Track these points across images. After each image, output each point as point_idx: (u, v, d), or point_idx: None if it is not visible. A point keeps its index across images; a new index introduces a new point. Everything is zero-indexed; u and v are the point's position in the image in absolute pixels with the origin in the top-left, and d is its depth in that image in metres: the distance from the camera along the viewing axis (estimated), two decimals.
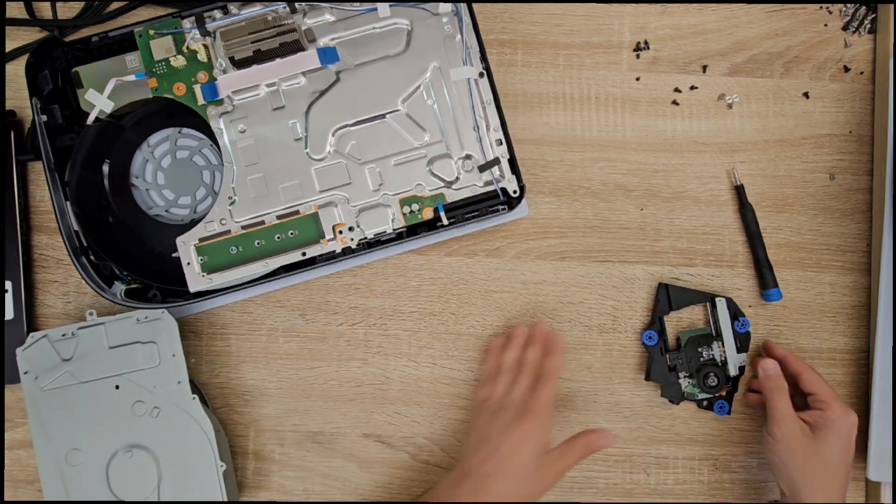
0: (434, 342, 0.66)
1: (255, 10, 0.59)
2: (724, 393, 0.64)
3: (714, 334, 0.65)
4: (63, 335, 0.59)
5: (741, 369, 0.64)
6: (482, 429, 0.57)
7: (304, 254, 0.59)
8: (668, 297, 0.65)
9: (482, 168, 0.60)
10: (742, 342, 0.64)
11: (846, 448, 0.58)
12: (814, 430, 0.58)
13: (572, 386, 0.66)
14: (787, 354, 0.63)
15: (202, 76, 0.59)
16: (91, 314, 0.59)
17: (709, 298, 0.65)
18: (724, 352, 0.63)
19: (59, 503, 0.58)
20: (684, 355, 0.64)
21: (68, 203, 0.59)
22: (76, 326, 0.59)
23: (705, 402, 0.64)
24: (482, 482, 0.53)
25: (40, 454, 0.58)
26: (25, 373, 0.58)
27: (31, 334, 0.59)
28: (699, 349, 0.64)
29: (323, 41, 0.60)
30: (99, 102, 0.59)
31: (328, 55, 0.59)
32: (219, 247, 0.59)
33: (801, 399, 0.61)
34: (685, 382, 0.64)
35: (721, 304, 0.64)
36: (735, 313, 0.64)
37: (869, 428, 0.63)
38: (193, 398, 0.59)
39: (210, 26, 0.59)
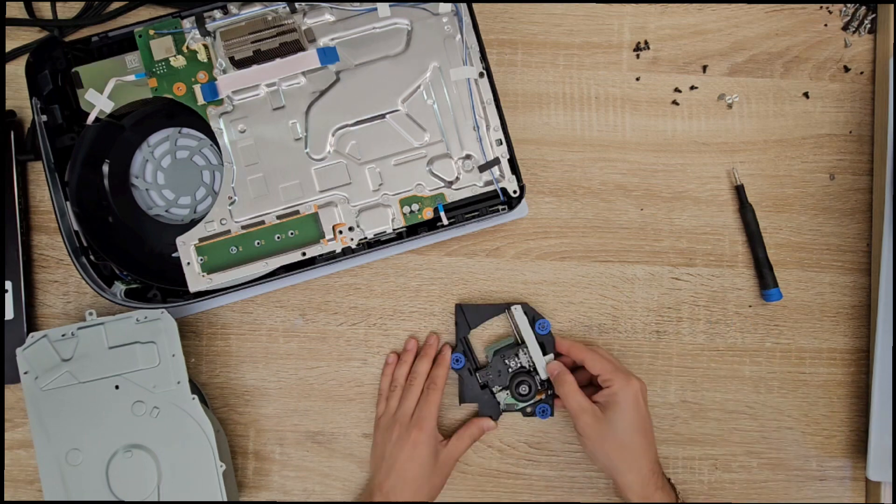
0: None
1: (255, 10, 0.59)
2: (542, 396, 0.63)
3: (518, 342, 0.64)
4: (63, 335, 0.59)
5: None
6: (379, 446, 0.62)
7: (304, 254, 0.59)
8: (465, 318, 0.64)
9: (482, 168, 0.60)
10: (546, 344, 0.63)
11: (635, 415, 0.57)
12: (603, 410, 0.58)
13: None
14: (569, 346, 0.62)
15: (202, 76, 0.59)
16: (91, 314, 0.59)
17: (504, 309, 0.64)
18: (531, 357, 0.63)
19: (59, 503, 0.58)
20: (493, 370, 0.63)
21: (68, 203, 0.59)
22: (76, 326, 0.59)
23: (529, 409, 0.64)
24: (387, 499, 0.59)
25: (40, 454, 0.58)
26: (25, 373, 0.58)
27: (30, 334, 0.59)
28: (506, 361, 0.63)
29: (323, 41, 0.60)
30: (99, 102, 0.59)
31: (328, 55, 0.59)
32: (219, 247, 0.59)
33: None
34: (503, 395, 0.63)
35: (517, 312, 0.63)
36: (533, 317, 0.63)
37: (869, 428, 0.63)
38: (193, 398, 0.59)
39: (210, 26, 0.59)
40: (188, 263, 0.59)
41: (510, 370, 0.63)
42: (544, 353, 0.63)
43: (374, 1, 0.60)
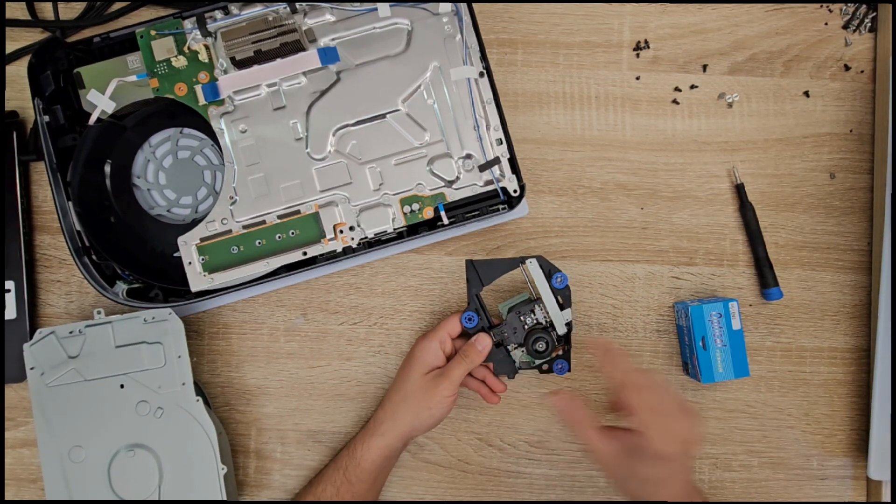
0: None
1: (255, 10, 0.59)
2: (560, 352, 0.62)
3: (534, 297, 0.62)
4: (70, 332, 0.59)
5: (569, 325, 0.61)
6: None
7: (304, 253, 0.59)
8: (477, 274, 0.62)
9: (482, 167, 0.60)
10: (563, 298, 0.61)
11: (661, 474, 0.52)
12: (630, 454, 0.53)
13: (574, 385, 0.66)
14: (607, 358, 0.55)
15: (203, 76, 0.60)
16: (99, 312, 0.59)
17: (518, 264, 0.61)
18: (548, 312, 0.61)
19: (59, 503, 0.58)
20: (508, 327, 0.61)
21: (70, 203, 0.59)
22: (84, 324, 0.59)
23: (545, 367, 0.62)
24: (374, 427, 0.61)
25: (44, 450, 0.58)
26: (32, 368, 0.58)
27: (38, 330, 0.59)
28: (522, 317, 0.61)
29: (323, 41, 0.60)
30: (101, 103, 0.59)
31: (329, 55, 0.59)
32: (220, 246, 0.59)
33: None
34: (519, 353, 0.62)
35: (533, 265, 0.61)
36: (549, 271, 0.61)
37: (870, 427, 0.63)
38: (197, 400, 0.59)
39: (211, 27, 0.59)
40: (189, 263, 0.59)
41: (526, 327, 0.61)
42: (561, 308, 0.61)
43: (374, 1, 0.60)
